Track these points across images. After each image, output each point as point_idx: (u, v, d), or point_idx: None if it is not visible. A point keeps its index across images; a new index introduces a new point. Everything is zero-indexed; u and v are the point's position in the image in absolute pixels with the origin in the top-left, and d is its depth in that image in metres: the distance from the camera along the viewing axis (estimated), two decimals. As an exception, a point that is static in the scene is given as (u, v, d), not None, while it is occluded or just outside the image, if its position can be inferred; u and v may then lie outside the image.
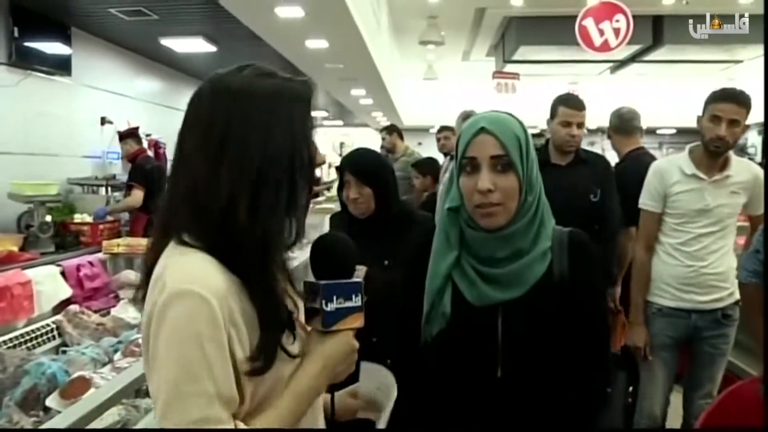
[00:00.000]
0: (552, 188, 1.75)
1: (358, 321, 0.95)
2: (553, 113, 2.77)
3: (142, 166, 5.25)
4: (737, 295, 2.46)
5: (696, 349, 2.53)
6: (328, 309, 0.92)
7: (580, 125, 2.73)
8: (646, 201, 2.56)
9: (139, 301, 0.90)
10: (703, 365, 2.51)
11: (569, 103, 2.75)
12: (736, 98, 2.34)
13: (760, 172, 2.52)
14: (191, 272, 0.84)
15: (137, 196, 5.06)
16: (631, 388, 2.44)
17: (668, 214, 2.51)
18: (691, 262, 2.45)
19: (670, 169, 2.51)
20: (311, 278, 0.99)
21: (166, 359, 0.82)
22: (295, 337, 0.92)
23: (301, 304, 0.99)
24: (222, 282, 0.84)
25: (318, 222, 2.98)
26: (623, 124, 3.28)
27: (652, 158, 3.04)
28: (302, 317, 0.99)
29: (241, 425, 0.84)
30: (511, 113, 1.30)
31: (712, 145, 2.37)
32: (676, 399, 2.58)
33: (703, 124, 2.40)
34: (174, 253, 0.88)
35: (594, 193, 2.70)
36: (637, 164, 2.95)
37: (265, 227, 0.87)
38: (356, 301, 0.94)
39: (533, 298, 1.24)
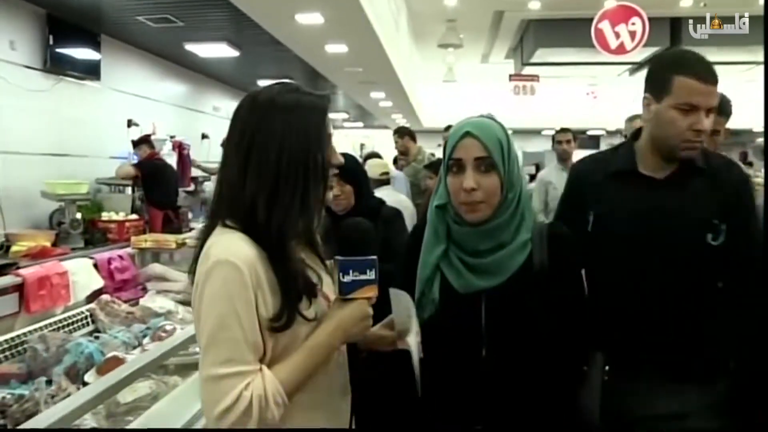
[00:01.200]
0: (635, 215, 1.54)
1: (371, 292, 1.13)
2: (662, 88, 1.57)
3: (152, 162, 6.05)
4: None
5: None
6: (344, 280, 1.11)
7: (711, 111, 1.55)
8: None
9: (192, 272, 1.12)
10: None
11: (696, 70, 1.54)
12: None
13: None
14: (229, 247, 1.06)
15: (127, 169, 6.04)
16: (607, 367, 2.39)
17: None
18: None
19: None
20: (339, 256, 1.16)
21: (206, 314, 1.04)
22: (311, 303, 1.11)
23: (325, 278, 1.20)
24: (252, 254, 1.05)
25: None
26: None
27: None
28: (326, 289, 1.19)
29: (265, 369, 1.05)
30: (494, 118, 1.43)
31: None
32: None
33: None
34: (218, 234, 1.11)
35: (714, 229, 1.56)
36: None
37: (280, 220, 1.08)
38: (370, 274, 1.12)
39: (514, 285, 1.37)
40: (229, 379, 1.00)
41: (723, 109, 2.12)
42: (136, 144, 6.21)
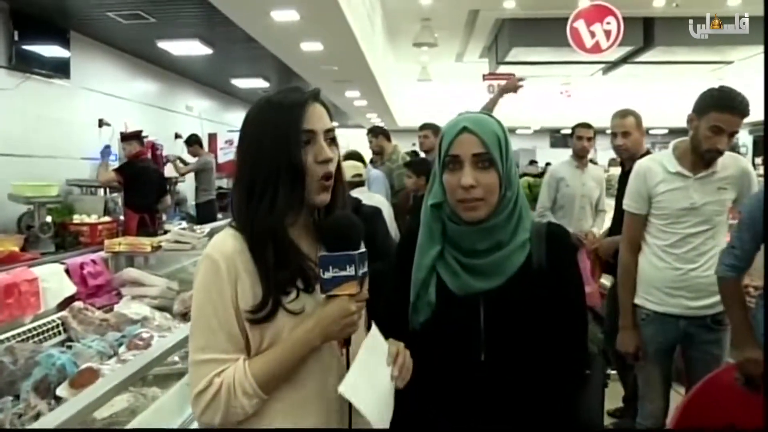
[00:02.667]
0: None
1: (352, 288, 1.09)
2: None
3: (134, 163, 5.57)
4: None
5: (689, 355, 2.43)
6: (325, 277, 1.08)
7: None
8: (629, 202, 2.45)
9: None
10: (697, 372, 2.34)
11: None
12: (740, 109, 2.22)
13: (748, 165, 2.43)
14: (215, 243, 1.13)
15: (110, 174, 5.61)
16: (608, 370, 2.43)
17: (654, 215, 2.40)
18: (680, 265, 2.34)
19: (653, 168, 2.39)
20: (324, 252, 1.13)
21: (192, 304, 1.12)
22: (298, 296, 1.11)
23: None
24: (233, 248, 1.10)
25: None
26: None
27: None
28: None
29: (240, 360, 1.08)
30: (491, 114, 1.38)
31: (708, 155, 2.26)
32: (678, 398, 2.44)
33: (701, 132, 2.25)
34: (219, 233, 1.18)
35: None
36: None
37: (254, 223, 1.11)
38: (350, 270, 1.08)
39: (512, 286, 1.32)
40: (204, 365, 1.06)
41: (746, 111, 2.26)
42: (126, 138, 5.83)
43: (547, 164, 9.30)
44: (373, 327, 1.17)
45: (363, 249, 1.12)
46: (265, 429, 1.09)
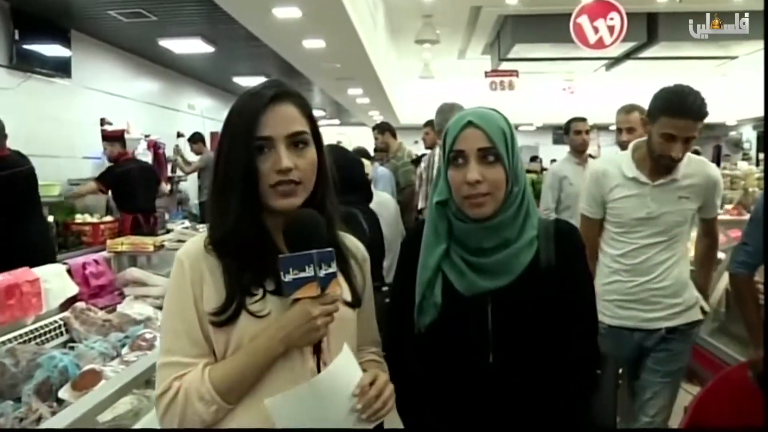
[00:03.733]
0: None
1: (312, 290, 1.03)
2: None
3: (113, 169, 5.43)
4: (695, 315, 2.22)
5: (644, 370, 2.25)
6: (285, 280, 1.03)
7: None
8: (584, 206, 2.27)
9: None
10: (652, 392, 2.20)
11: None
12: (694, 114, 2.01)
13: (715, 172, 2.22)
14: (187, 243, 1.14)
15: (89, 186, 5.45)
16: (621, 370, 2.36)
17: (609, 221, 2.23)
18: (633, 277, 2.18)
19: (609, 171, 2.20)
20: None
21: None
22: (263, 298, 1.07)
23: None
24: (199, 249, 1.10)
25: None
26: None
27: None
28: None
29: (200, 365, 1.05)
30: (496, 109, 1.35)
31: (662, 161, 2.09)
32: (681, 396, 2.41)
33: (654, 138, 2.08)
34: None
35: None
36: None
37: (218, 228, 1.11)
38: (309, 271, 1.02)
39: (521, 285, 1.29)
40: (167, 368, 1.05)
41: (702, 115, 2.04)
42: (107, 137, 5.68)
43: (552, 161, 9.21)
44: (345, 347, 1.08)
45: (327, 249, 1.06)
46: (262, 429, 1.04)
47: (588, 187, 2.27)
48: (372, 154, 5.47)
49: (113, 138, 5.56)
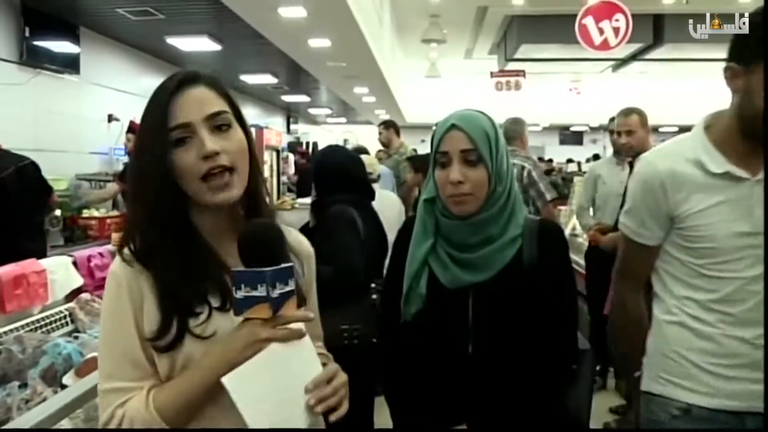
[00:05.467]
0: None
1: (264, 312, 0.92)
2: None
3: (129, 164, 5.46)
4: None
5: None
6: (237, 296, 0.92)
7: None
8: (630, 224, 1.46)
9: None
10: None
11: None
12: None
13: None
14: (119, 258, 1.01)
15: (112, 189, 5.48)
16: (599, 367, 2.39)
17: (681, 248, 1.38)
18: (742, 331, 1.31)
19: (678, 170, 1.36)
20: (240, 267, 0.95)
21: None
22: (209, 317, 0.97)
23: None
24: (136, 268, 0.97)
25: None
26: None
27: None
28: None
29: (144, 389, 0.95)
30: (482, 111, 1.41)
31: None
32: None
33: (752, 95, 1.31)
34: None
35: None
36: None
37: (143, 237, 0.99)
38: (261, 291, 0.91)
39: (502, 280, 1.35)
40: (108, 395, 0.95)
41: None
42: (132, 130, 5.48)
43: (590, 159, 8.96)
44: (306, 338, 0.97)
45: (284, 265, 0.93)
46: (255, 429, 0.92)
47: (639, 197, 1.44)
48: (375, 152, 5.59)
49: (130, 131, 5.61)
